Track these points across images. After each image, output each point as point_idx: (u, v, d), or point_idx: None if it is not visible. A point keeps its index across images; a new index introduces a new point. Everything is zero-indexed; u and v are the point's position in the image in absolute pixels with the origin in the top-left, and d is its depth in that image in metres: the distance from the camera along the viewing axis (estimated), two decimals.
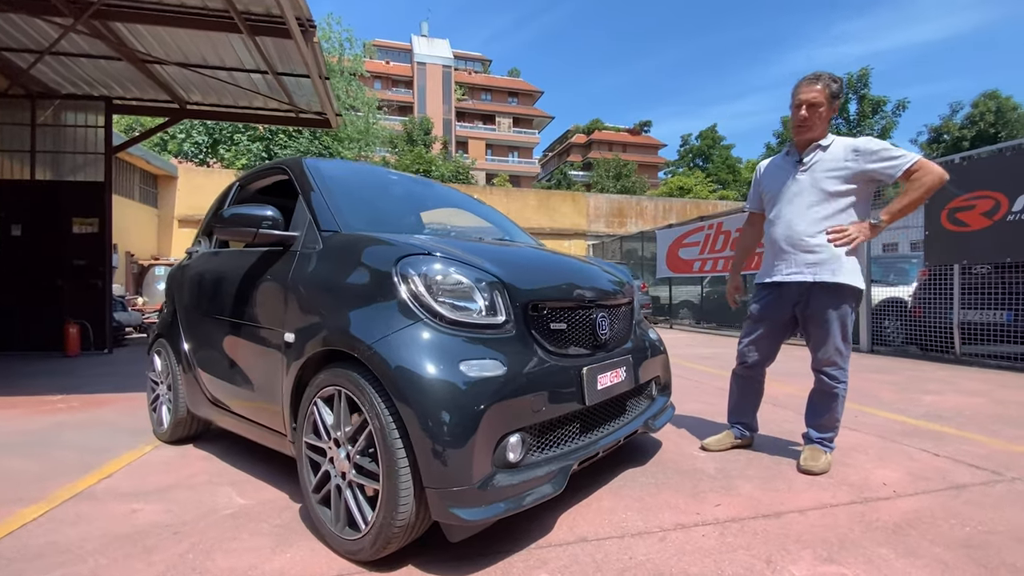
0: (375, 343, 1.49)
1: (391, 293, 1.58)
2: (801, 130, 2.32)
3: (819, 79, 2.28)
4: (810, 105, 2.26)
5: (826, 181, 2.25)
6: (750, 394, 2.59)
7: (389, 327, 1.52)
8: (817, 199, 2.27)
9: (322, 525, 1.65)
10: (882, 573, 1.46)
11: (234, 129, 13.67)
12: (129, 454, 2.69)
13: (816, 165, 2.29)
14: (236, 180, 2.80)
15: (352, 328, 1.57)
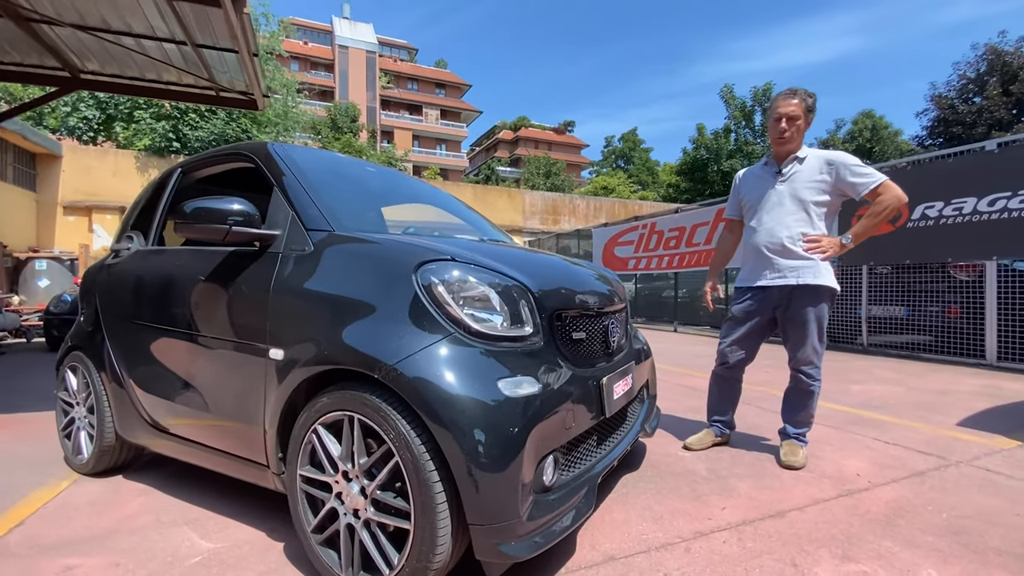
0: (400, 362, 1.31)
1: (411, 304, 1.40)
2: (781, 142, 2.41)
3: (795, 94, 2.38)
4: (789, 118, 2.36)
5: (804, 191, 2.37)
6: (730, 393, 2.68)
7: (415, 343, 1.34)
8: (795, 208, 2.39)
9: (326, 570, 1.44)
10: (896, 567, 1.54)
11: (133, 104, 11.93)
12: (40, 492, 2.23)
13: (794, 176, 2.40)
14: (177, 167, 2.39)
15: (367, 345, 1.37)
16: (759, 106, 24.09)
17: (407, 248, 1.53)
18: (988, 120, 21.56)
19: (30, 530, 1.88)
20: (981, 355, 5.01)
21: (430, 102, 46.79)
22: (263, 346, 1.60)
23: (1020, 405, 3.49)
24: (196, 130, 11.58)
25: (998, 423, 3.06)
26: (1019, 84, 20.95)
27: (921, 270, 5.61)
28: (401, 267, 1.46)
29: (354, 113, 21.34)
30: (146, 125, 11.02)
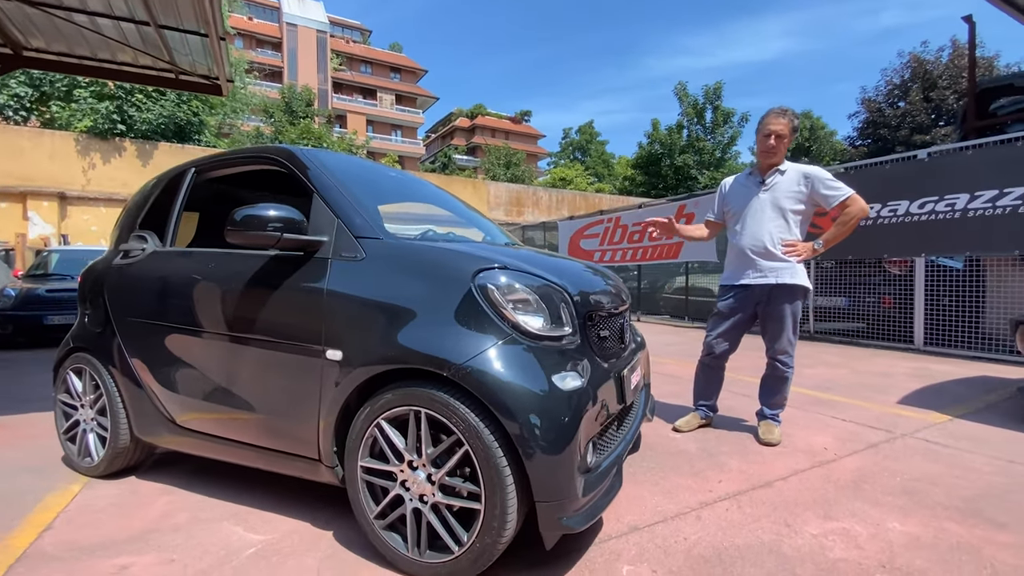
0: (468, 362, 1.45)
1: (471, 308, 1.54)
2: (767, 155, 2.70)
3: (784, 114, 2.67)
4: (777, 136, 2.65)
5: (784, 201, 2.67)
6: (715, 380, 2.98)
7: (479, 344, 1.49)
8: (776, 215, 2.69)
9: (392, 552, 1.57)
10: (868, 522, 1.86)
11: (72, 82, 10.91)
12: (53, 497, 2.20)
13: (776, 187, 2.70)
14: (191, 166, 2.37)
15: (434, 346, 1.50)
16: (710, 104, 25.21)
17: (463, 256, 1.66)
18: (911, 123, 23.52)
19: (62, 534, 1.88)
20: (911, 340, 5.66)
21: (385, 86, 45.49)
22: (318, 347, 1.69)
23: (947, 384, 4.03)
24: (143, 111, 10.78)
25: (931, 400, 3.55)
26: (938, 91, 22.96)
27: (860, 264, 6.23)
28: (459, 274, 1.59)
29: (309, 96, 20.47)
30: (87, 105, 10.15)
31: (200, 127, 12.14)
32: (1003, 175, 4.83)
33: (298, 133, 15.16)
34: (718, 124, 25.34)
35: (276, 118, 18.77)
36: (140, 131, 10.55)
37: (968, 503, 2.00)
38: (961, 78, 22.48)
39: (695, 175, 25.19)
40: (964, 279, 5.23)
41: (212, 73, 6.54)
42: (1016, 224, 4.74)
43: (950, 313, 5.32)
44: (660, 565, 1.61)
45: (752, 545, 1.72)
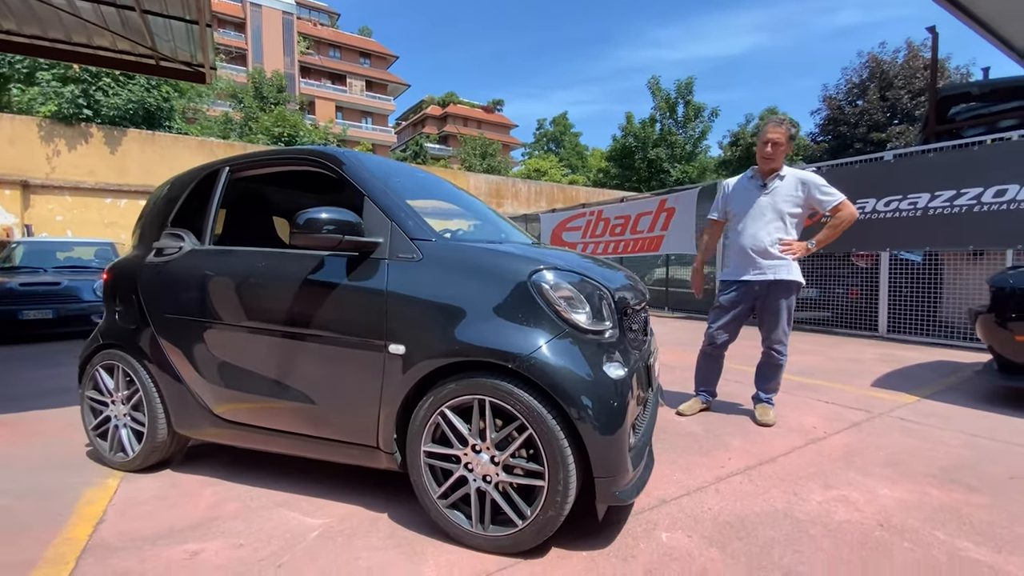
0: (532, 355, 1.61)
1: (528, 305, 1.69)
2: (767, 161, 2.93)
3: (782, 123, 2.90)
4: (775, 143, 2.87)
5: (783, 204, 2.91)
6: (715, 368, 3.22)
7: (539, 338, 1.64)
8: (775, 217, 2.92)
9: (456, 528, 1.72)
10: (863, 490, 2.12)
11: (34, 64, 10.23)
12: (92, 492, 2.24)
13: (776, 191, 2.93)
14: (224, 164, 2.41)
15: (498, 341, 1.65)
16: (682, 98, 25.78)
17: (517, 258, 1.80)
18: (868, 122, 24.67)
19: (118, 526, 1.94)
20: (875, 328, 6.13)
21: (354, 72, 44.35)
22: (380, 342, 1.81)
23: (911, 368, 4.43)
24: (111, 96, 10.23)
25: (899, 383, 3.92)
26: (893, 91, 24.14)
27: (830, 258, 6.66)
28: (516, 274, 1.73)
29: (280, 82, 19.76)
30: (50, 88, 9.56)
31: (170, 113, 11.66)
32: (960, 177, 5.27)
33: (272, 120, 14.68)
34: (689, 119, 25.99)
35: (246, 103, 18.09)
36: (107, 117, 10.05)
37: (944, 472, 2.30)
38: (915, 78, 23.71)
39: (667, 168, 25.80)
40: (923, 272, 5.69)
41: (195, 60, 6.37)
42: (971, 222, 5.20)
43: (911, 303, 5.78)
44: (693, 531, 1.81)
45: (768, 512, 1.95)
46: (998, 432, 2.79)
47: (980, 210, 5.15)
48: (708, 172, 26.64)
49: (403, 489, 2.15)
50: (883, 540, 1.75)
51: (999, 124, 6.03)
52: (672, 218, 8.63)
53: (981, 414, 3.12)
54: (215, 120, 17.61)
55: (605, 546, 1.73)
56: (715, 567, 1.60)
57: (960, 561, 1.62)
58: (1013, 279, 3.14)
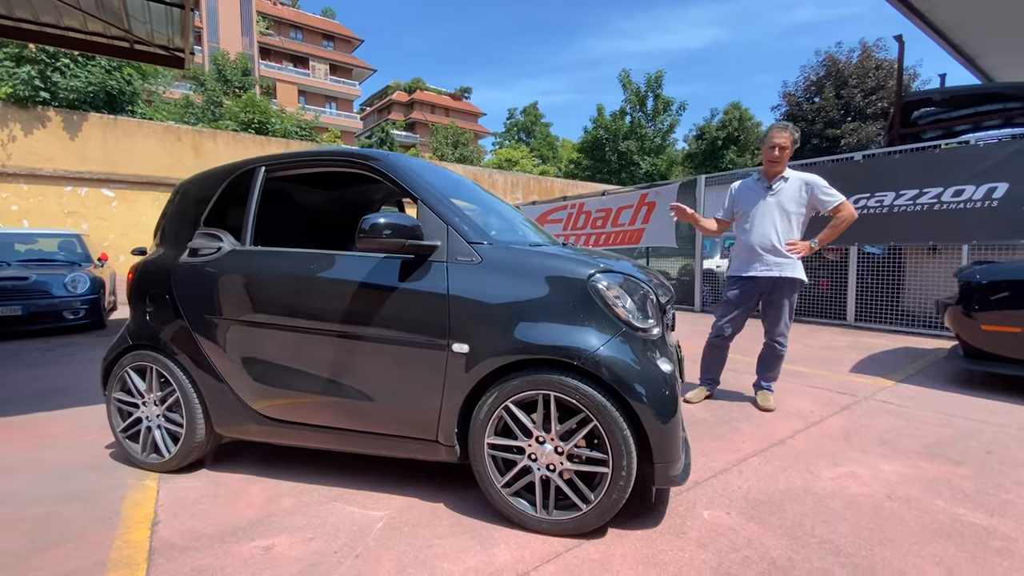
0: (597, 352, 1.74)
1: (588, 305, 1.81)
2: (772, 164, 3.13)
3: (787, 128, 3.11)
4: (781, 147, 3.08)
5: (788, 204, 3.13)
6: (720, 358, 3.45)
7: (601, 337, 1.77)
8: (780, 217, 3.13)
9: (520, 514, 1.85)
10: (865, 465, 2.37)
11: None
12: (133, 494, 2.24)
13: (781, 192, 3.15)
14: (259, 164, 2.40)
15: (563, 339, 1.77)
16: (651, 92, 26.27)
17: (575, 260, 1.92)
18: (824, 118, 25.86)
19: (176, 526, 1.97)
20: (843, 317, 6.58)
21: (318, 55, 42.82)
22: (443, 341, 1.90)
23: (881, 355, 4.83)
24: (69, 78, 9.51)
25: (874, 368, 4.28)
26: (848, 89, 25.36)
27: None
28: (575, 277, 1.85)
29: (245, 64, 18.81)
30: (3, 69, 8.77)
31: (133, 97, 10.98)
32: (923, 178, 5.71)
33: (241, 106, 14.01)
34: (658, 112, 26.57)
35: (209, 87, 17.16)
36: (66, 100, 9.37)
37: (930, 448, 2.58)
38: (867, 78, 24.95)
39: (637, 160, 26.33)
40: (887, 266, 6.15)
41: (173, 44, 6.10)
42: (931, 220, 5.65)
43: (876, 294, 6.25)
44: (730, 508, 2.01)
45: (790, 488, 2.17)
46: (969, 411, 3.14)
47: (940, 208, 5.60)
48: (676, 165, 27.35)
49: (451, 479, 2.26)
50: (894, 509, 1.99)
51: (955, 128, 6.54)
52: (653, 212, 8.91)
53: (952, 396, 3.47)
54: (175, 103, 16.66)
55: (656, 524, 1.90)
56: (759, 539, 1.79)
57: (961, 525, 1.88)
58: (980, 274, 3.50)
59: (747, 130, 26.71)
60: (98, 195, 9.56)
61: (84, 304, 6.37)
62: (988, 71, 10.25)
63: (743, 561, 1.67)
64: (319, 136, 17.93)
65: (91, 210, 9.49)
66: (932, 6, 8.03)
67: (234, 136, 10.98)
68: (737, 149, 27.11)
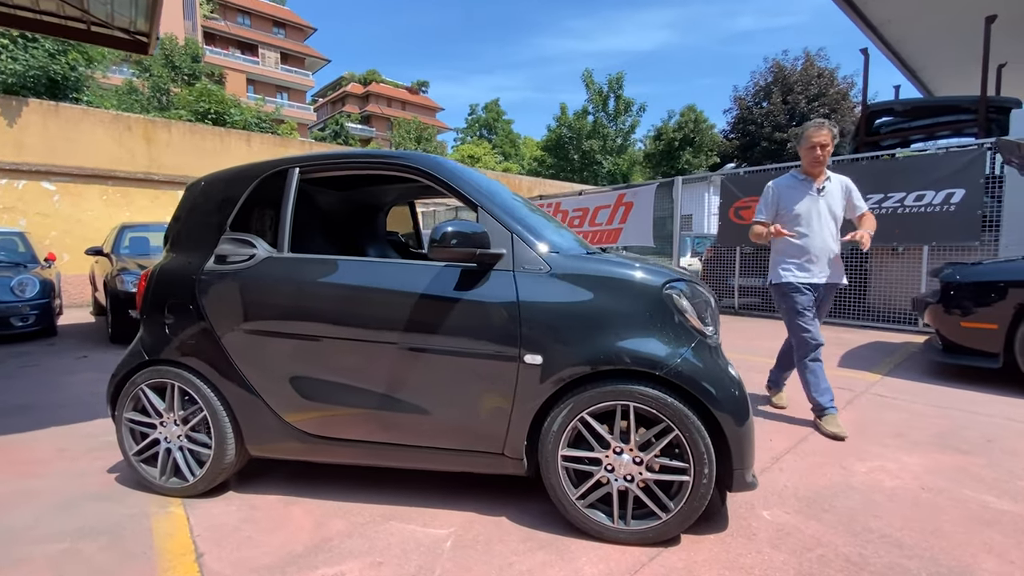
0: (679, 362, 1.74)
1: (665, 315, 1.82)
2: (816, 164, 3.01)
3: (823, 126, 2.99)
4: (823, 146, 2.95)
5: (836, 206, 3.05)
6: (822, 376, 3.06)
7: (679, 346, 1.78)
8: (831, 220, 3.04)
9: (597, 525, 1.83)
10: (890, 460, 2.52)
11: None
12: (159, 523, 2.06)
13: (828, 193, 3.05)
14: (292, 164, 2.25)
15: (643, 349, 1.76)
16: (613, 92, 26.78)
17: (647, 269, 1.91)
18: (772, 122, 27.24)
19: (224, 557, 1.82)
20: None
21: (268, 42, 40.80)
22: (513, 352, 1.85)
23: (858, 350, 5.15)
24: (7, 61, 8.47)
25: (858, 363, 4.55)
26: (793, 95, 26.82)
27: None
28: (650, 286, 1.85)
29: (195, 50, 17.53)
30: None
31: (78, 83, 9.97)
32: (887, 183, 6.13)
33: (196, 95, 13.03)
34: (620, 112, 27.14)
35: (156, 72, 15.86)
36: (6, 85, 8.39)
37: (938, 439, 2.78)
38: (810, 85, 26.45)
39: (600, 160, 26.80)
40: (855, 265, 6.56)
41: (135, 27, 5.63)
42: (895, 223, 6.07)
43: (845, 291, 6.65)
44: (786, 506, 2.08)
45: (832, 484, 2.27)
46: (957, 403, 3.40)
47: (903, 212, 6.03)
48: (637, 165, 28.03)
49: (504, 491, 2.22)
50: (931, 500, 2.13)
51: (910, 138, 7.06)
52: (630, 212, 9.09)
53: (936, 388, 3.75)
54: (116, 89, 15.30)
55: (723, 527, 1.93)
56: (825, 536, 1.87)
57: (995, 512, 2.03)
58: (959, 274, 3.79)
59: (702, 132, 27.73)
60: (38, 188, 8.69)
61: (33, 309, 5.79)
62: (927, 83, 11.14)
63: (819, 560, 1.73)
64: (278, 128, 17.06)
65: (30, 205, 8.60)
66: (884, 21, 8.63)
67: (190, 127, 10.27)
68: (693, 150, 28.09)
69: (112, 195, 9.52)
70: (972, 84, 9.97)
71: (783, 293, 3.12)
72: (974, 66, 8.43)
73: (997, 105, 5.76)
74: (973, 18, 7.30)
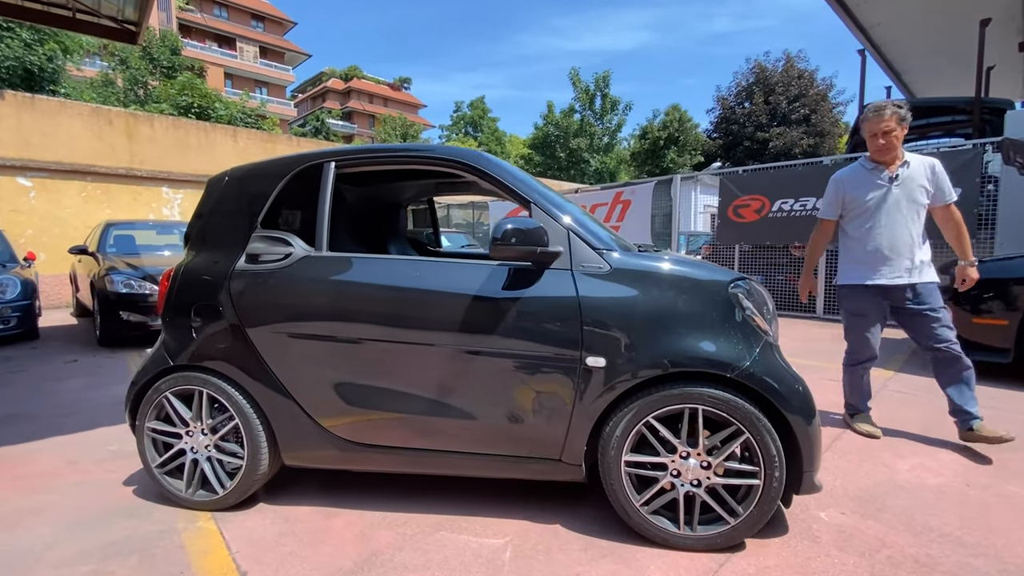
0: (750, 364, 1.70)
1: (731, 316, 1.77)
2: (883, 152, 2.64)
3: (884, 110, 2.61)
4: (884, 133, 2.60)
5: (917, 195, 2.63)
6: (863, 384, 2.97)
7: (750, 347, 1.74)
8: (911, 211, 2.64)
9: (661, 531, 1.78)
10: (928, 457, 2.53)
11: None
12: (195, 540, 1.94)
13: (907, 181, 2.64)
14: (329, 158, 2.13)
15: (713, 351, 1.71)
16: (599, 91, 26.88)
17: (712, 269, 1.87)
18: (754, 122, 27.69)
19: (268, 573, 1.72)
20: (813, 311, 7.07)
21: (246, 36, 39.80)
22: (574, 355, 1.78)
23: None
24: None
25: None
26: (774, 96, 27.30)
27: (772, 249, 7.51)
28: (717, 286, 1.80)
29: (175, 43, 16.92)
30: None
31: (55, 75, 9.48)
32: None
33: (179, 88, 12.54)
34: (606, 111, 27.26)
35: (134, 65, 15.23)
36: None
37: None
38: (791, 86, 26.93)
39: (587, 158, 26.88)
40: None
41: (123, 15, 5.38)
42: None
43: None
44: (841, 508, 2.06)
45: (879, 483, 2.26)
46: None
47: None
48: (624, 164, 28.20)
49: (553, 497, 2.15)
50: (979, 497, 2.13)
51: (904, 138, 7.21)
52: (628, 210, 9.10)
53: None
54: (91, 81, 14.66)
55: (784, 530, 1.90)
56: (887, 537, 1.85)
57: None
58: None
59: (686, 131, 28.03)
60: (12, 184, 8.25)
61: (15, 312, 5.49)
62: (910, 85, 11.42)
63: (889, 562, 1.71)
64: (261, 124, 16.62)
65: (4, 201, 8.16)
66: (874, 23, 8.80)
67: (174, 121, 9.89)
68: (677, 149, 28.39)
69: (92, 191, 9.11)
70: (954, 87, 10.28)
71: (842, 295, 2.90)
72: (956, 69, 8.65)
73: (991, 106, 5.91)
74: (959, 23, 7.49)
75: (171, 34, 18.00)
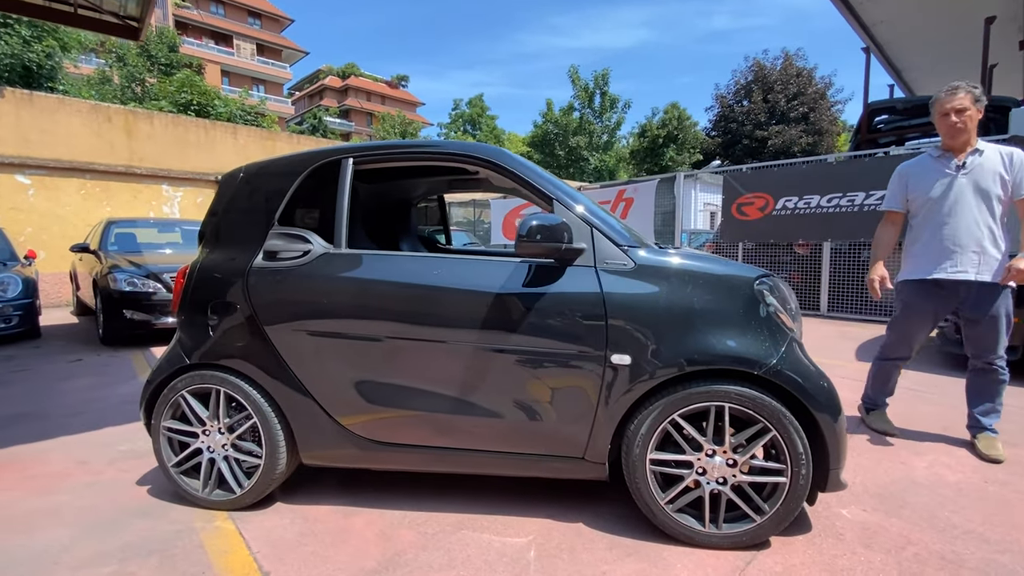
0: (777, 361, 1.69)
1: (757, 312, 1.76)
2: (956, 133, 2.44)
3: (958, 89, 2.43)
4: (957, 111, 2.40)
5: (989, 184, 2.41)
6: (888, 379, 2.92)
7: (776, 344, 1.73)
8: (980, 201, 2.43)
9: (686, 530, 1.77)
10: (944, 454, 2.53)
11: None
12: (214, 540, 1.92)
13: (976, 169, 2.43)
14: (347, 154, 2.11)
15: (740, 348, 1.70)
16: (598, 89, 26.85)
17: (737, 266, 1.86)
18: (753, 120, 27.72)
19: (291, 573, 1.70)
20: (816, 308, 7.08)
21: (243, 33, 39.58)
22: (599, 352, 1.76)
23: (868, 344, 5.23)
24: None
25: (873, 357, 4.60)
26: (773, 94, 27.32)
27: (776, 247, 7.52)
28: (742, 283, 1.79)
29: (172, 40, 16.79)
30: None
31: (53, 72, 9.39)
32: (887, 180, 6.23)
33: (178, 85, 12.44)
34: (605, 109, 27.23)
35: (131, 62, 15.11)
36: None
37: None
38: (790, 84, 26.96)
39: (586, 156, 26.86)
40: (856, 260, 6.68)
41: (126, 11, 5.33)
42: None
43: (846, 286, 6.77)
44: (863, 505, 2.05)
45: (898, 480, 2.26)
46: None
47: None
48: (623, 162, 28.18)
49: (574, 495, 2.14)
50: (999, 494, 2.13)
51: (906, 136, 7.22)
52: (631, 208, 9.08)
53: (960, 381, 3.80)
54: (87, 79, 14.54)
55: (808, 528, 1.90)
56: (912, 534, 1.84)
57: None
58: None
59: (685, 129, 28.04)
60: (11, 182, 8.18)
61: (17, 310, 5.45)
62: (910, 83, 11.45)
63: (916, 559, 1.70)
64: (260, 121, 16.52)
65: (2, 199, 8.09)
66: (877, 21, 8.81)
67: (173, 118, 9.81)
68: (676, 147, 28.39)
69: (91, 189, 9.04)
70: None
71: (899, 289, 2.73)
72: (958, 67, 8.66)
73: (996, 104, 5.92)
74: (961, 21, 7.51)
75: (169, 31, 17.87)
